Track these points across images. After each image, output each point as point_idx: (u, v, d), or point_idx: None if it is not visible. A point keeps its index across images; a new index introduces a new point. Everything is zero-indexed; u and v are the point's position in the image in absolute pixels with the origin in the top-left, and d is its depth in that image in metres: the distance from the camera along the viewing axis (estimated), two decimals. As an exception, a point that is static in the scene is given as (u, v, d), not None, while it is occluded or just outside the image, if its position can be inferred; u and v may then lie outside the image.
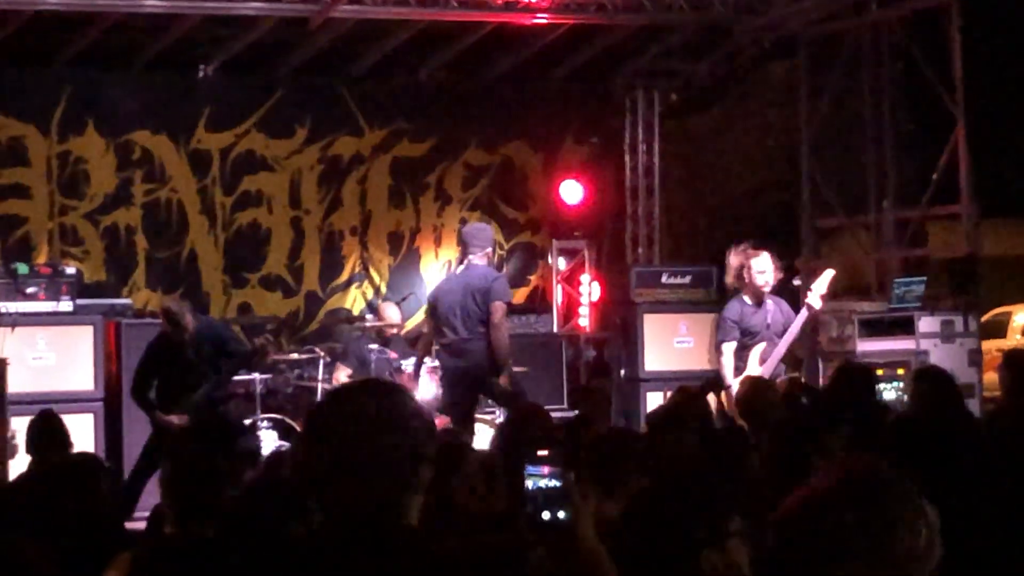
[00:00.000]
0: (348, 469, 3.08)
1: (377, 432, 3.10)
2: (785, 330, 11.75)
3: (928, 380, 8.77)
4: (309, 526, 3.20)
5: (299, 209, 16.56)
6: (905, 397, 12.97)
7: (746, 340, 11.71)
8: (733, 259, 11.94)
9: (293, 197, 16.52)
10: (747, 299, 11.83)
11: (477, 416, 13.22)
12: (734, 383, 11.47)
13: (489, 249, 12.36)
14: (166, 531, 5.22)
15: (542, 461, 4.84)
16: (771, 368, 11.56)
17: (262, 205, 16.39)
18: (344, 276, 16.74)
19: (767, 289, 11.81)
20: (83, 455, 7.43)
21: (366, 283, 16.79)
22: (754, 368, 11.54)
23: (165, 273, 15.85)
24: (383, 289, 16.78)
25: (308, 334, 16.17)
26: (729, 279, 12.06)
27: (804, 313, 11.73)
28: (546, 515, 3.50)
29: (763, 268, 11.76)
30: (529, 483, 3.80)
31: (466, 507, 5.71)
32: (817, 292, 11.72)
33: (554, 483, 3.65)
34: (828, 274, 11.96)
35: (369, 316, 14.69)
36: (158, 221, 15.94)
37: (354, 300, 16.72)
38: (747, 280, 11.81)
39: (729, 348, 11.71)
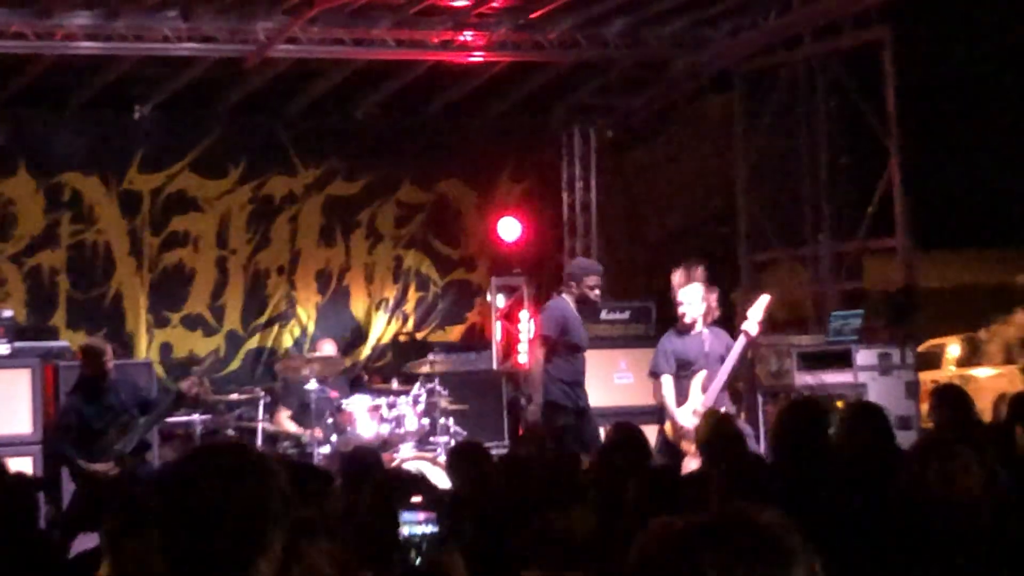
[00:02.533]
0: (196, 528, 3.14)
1: (225, 491, 3.16)
2: (724, 358, 11.84)
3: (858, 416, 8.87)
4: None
5: (225, 249, 16.61)
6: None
7: (684, 371, 11.77)
8: (672, 278, 12.03)
9: (220, 237, 16.57)
10: (678, 330, 11.93)
11: (419, 454, 13.32)
12: (676, 412, 11.58)
13: (573, 283, 12.34)
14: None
15: (417, 507, 4.93)
16: (713, 396, 11.60)
17: (188, 245, 16.43)
18: (267, 315, 16.76)
19: (688, 321, 11.83)
20: (17, 476, 7.41)
21: (293, 321, 16.82)
22: (696, 396, 11.61)
23: (87, 314, 15.84)
24: (310, 328, 16.83)
25: (229, 373, 16.20)
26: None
27: (742, 340, 11.77)
28: (419, 561, 3.58)
29: (687, 300, 11.82)
30: (405, 530, 3.88)
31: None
32: (753, 318, 11.79)
33: (430, 529, 3.73)
34: (763, 300, 11.99)
35: (310, 355, 14.71)
36: (84, 262, 15.96)
37: (277, 338, 16.74)
38: (678, 309, 11.91)
39: (667, 378, 11.77)
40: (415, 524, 4.35)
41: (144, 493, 6.73)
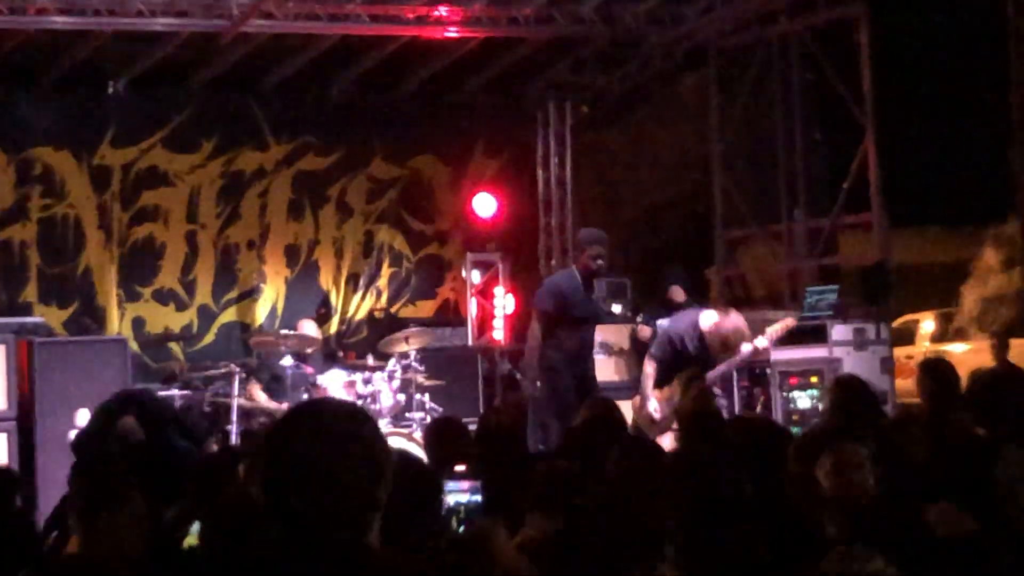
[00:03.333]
0: (309, 487, 3.11)
1: (339, 451, 3.13)
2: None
3: (844, 388, 8.92)
4: (268, 544, 3.23)
5: (195, 223, 16.58)
6: (820, 405, 13.20)
7: (679, 360, 11.74)
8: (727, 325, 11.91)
9: (190, 212, 16.54)
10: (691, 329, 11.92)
11: (395, 430, 13.33)
12: (651, 396, 11.62)
13: (585, 252, 12.16)
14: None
15: (461, 476, 4.91)
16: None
17: (159, 220, 16.39)
18: (238, 290, 16.76)
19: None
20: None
21: (263, 296, 16.82)
22: (677, 389, 11.59)
23: (58, 288, 15.80)
24: (280, 302, 16.83)
25: (204, 348, 16.19)
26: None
27: (748, 350, 11.84)
28: (463, 529, 3.58)
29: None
30: (450, 499, 3.89)
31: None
32: (769, 334, 11.83)
33: (474, 498, 3.74)
34: (787, 322, 12.07)
35: (285, 332, 14.69)
36: (54, 236, 15.91)
37: (250, 313, 16.74)
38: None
39: (655, 362, 11.82)
40: (459, 492, 4.35)
41: (120, 457, 6.70)
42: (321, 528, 3.10)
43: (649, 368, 11.83)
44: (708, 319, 11.88)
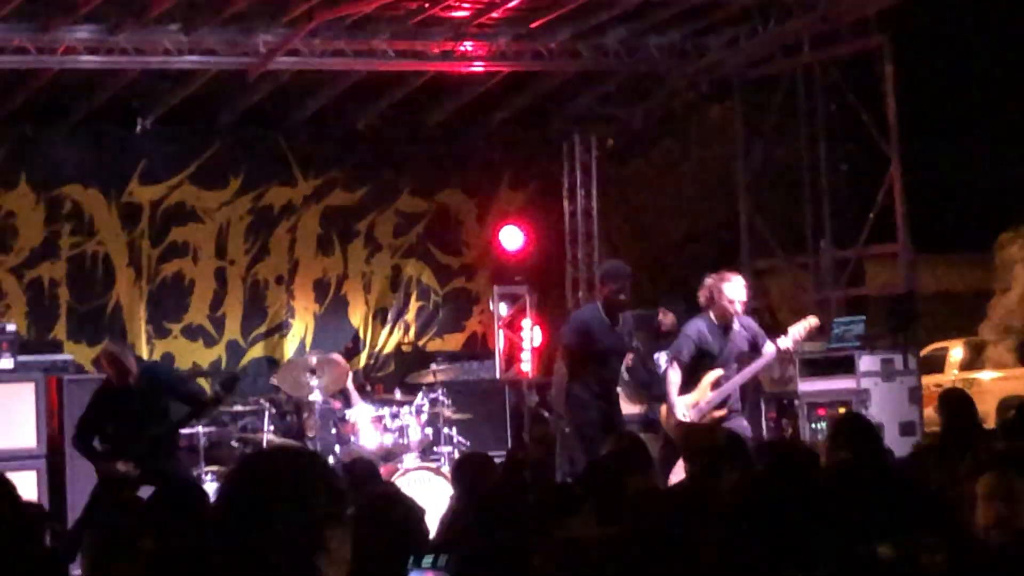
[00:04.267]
0: (257, 531, 3.21)
1: (280, 498, 3.23)
2: (742, 356, 11.75)
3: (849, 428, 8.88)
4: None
5: (224, 259, 16.67)
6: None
7: (703, 361, 11.57)
8: (707, 279, 11.82)
9: (219, 247, 16.62)
10: (712, 318, 11.61)
11: (423, 464, 13.34)
12: (676, 401, 11.47)
13: (606, 287, 11.94)
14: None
15: (428, 566, 4.96)
16: (721, 396, 11.48)
17: (188, 256, 16.49)
18: (267, 325, 16.82)
19: (736, 310, 11.58)
20: (27, 504, 7.44)
21: (292, 331, 16.87)
22: (704, 392, 11.51)
23: (88, 325, 15.88)
24: (308, 337, 16.88)
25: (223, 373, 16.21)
26: (701, 297, 11.73)
27: (772, 351, 11.64)
28: None
29: (737, 295, 11.51)
30: None
31: None
32: (792, 335, 11.70)
33: None
34: (811, 321, 11.87)
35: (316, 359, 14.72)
36: (84, 273, 16.00)
37: (278, 348, 16.79)
38: (718, 301, 11.53)
39: (678, 366, 11.55)
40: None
41: (140, 504, 6.70)
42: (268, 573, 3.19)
43: (674, 376, 11.67)
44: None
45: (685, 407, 11.54)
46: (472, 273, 17.90)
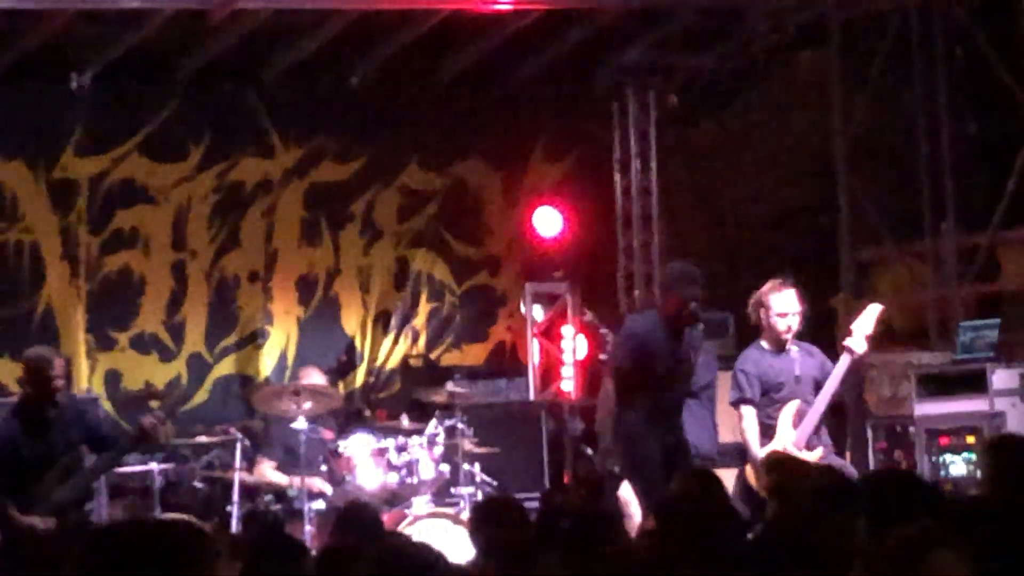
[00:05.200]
0: None
1: None
2: (820, 384, 11.92)
3: (1006, 452, 8.90)
4: None
5: (183, 251, 16.77)
6: (978, 472, 13.19)
7: (771, 395, 11.87)
8: (755, 294, 12.04)
9: (177, 236, 16.72)
10: (765, 345, 12.03)
11: (437, 510, 13.41)
12: (759, 452, 11.64)
13: (673, 294, 12.09)
14: None
15: None
16: (807, 432, 11.70)
17: (137, 246, 16.58)
18: (238, 334, 16.91)
19: (789, 336, 11.97)
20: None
21: (270, 341, 16.94)
22: (787, 433, 11.69)
23: (10, 334, 15.89)
24: (291, 349, 16.95)
25: (194, 409, 16.27)
26: (752, 317, 12.15)
27: (845, 360, 11.86)
28: None
29: (785, 309, 11.90)
30: None
31: None
32: (860, 332, 11.85)
33: None
34: (873, 310, 12.08)
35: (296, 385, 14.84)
36: (5, 270, 16.11)
37: (252, 363, 16.87)
38: (764, 322, 11.99)
39: (749, 409, 11.85)
40: None
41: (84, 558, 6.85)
42: None
43: (749, 421, 11.82)
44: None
45: None
46: (497, 267, 17.97)
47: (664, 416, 11.89)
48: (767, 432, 11.84)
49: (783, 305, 11.91)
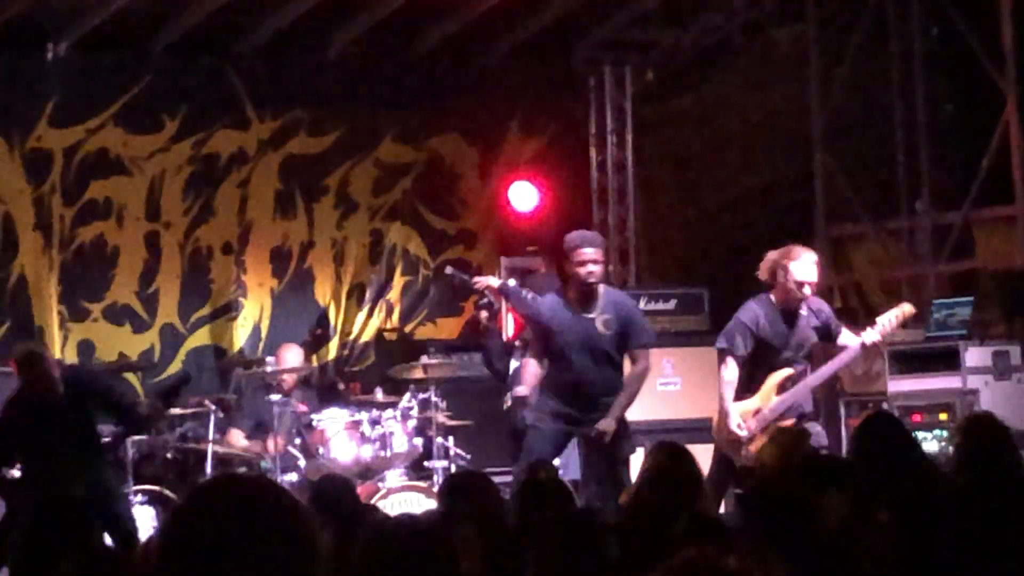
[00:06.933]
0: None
1: (249, 546, 3.25)
2: (823, 341, 11.94)
3: (977, 431, 8.96)
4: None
5: (157, 222, 16.78)
6: (949, 449, 13.27)
7: (764, 355, 11.82)
8: (771, 255, 11.94)
9: (151, 206, 16.72)
10: (774, 300, 11.86)
11: (410, 483, 13.46)
12: (731, 409, 11.65)
13: (570, 260, 12.22)
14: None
15: None
16: (789, 402, 11.72)
17: (111, 217, 16.58)
18: (211, 306, 16.95)
19: (806, 292, 11.82)
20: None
21: (243, 313, 16.96)
22: (768, 397, 11.69)
23: (-18, 307, 15.96)
24: (264, 320, 16.97)
25: (166, 380, 16.23)
26: (762, 274, 11.98)
27: (856, 348, 11.87)
28: None
29: (806, 278, 11.76)
30: None
31: None
32: (881, 327, 11.85)
33: None
34: (904, 309, 12.06)
35: (270, 359, 14.87)
36: (-24, 240, 16.10)
37: (226, 335, 16.89)
38: (782, 282, 11.78)
39: (734, 361, 11.78)
40: None
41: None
42: None
43: (729, 374, 11.81)
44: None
45: (742, 415, 11.69)
46: (473, 241, 17.99)
47: (562, 391, 12.12)
48: (749, 387, 11.80)
49: (805, 274, 11.73)
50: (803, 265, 11.76)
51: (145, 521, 13.04)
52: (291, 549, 3.29)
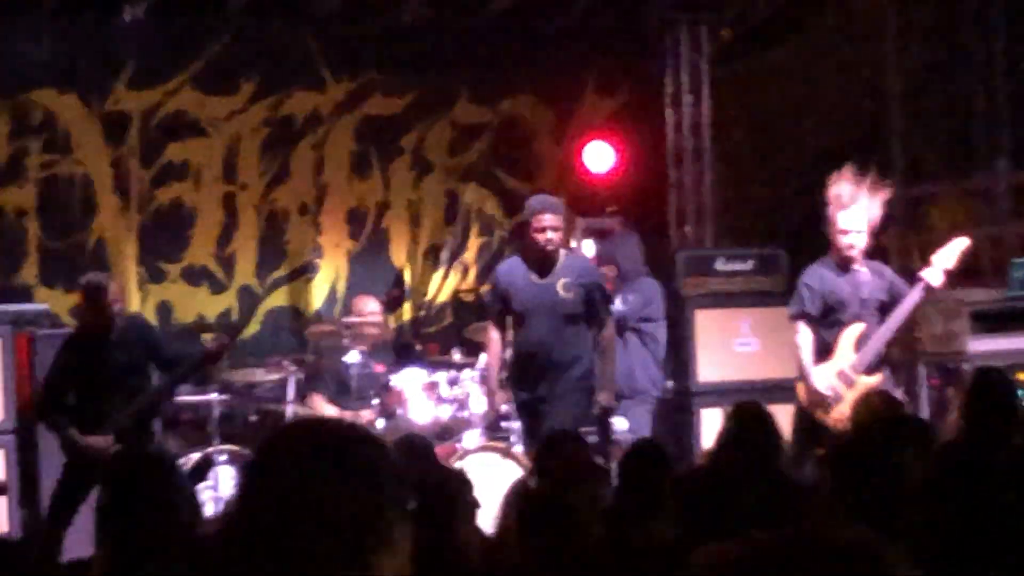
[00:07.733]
0: (295, 526, 3.23)
1: (330, 484, 3.25)
2: (887, 306, 11.88)
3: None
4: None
5: (234, 183, 16.88)
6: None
7: (834, 315, 11.80)
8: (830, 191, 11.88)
9: (228, 168, 16.84)
10: (832, 260, 11.90)
11: (488, 443, 13.48)
12: (813, 372, 11.64)
13: (530, 225, 12.30)
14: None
15: None
16: (868, 358, 11.67)
17: (188, 179, 16.70)
18: (288, 267, 17.04)
19: (852, 254, 11.82)
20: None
21: (320, 275, 17.01)
22: (846, 355, 11.65)
23: (64, 266, 16.03)
24: (341, 282, 17.04)
25: (246, 341, 16.25)
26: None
27: (918, 291, 11.75)
28: None
29: (848, 227, 11.75)
30: None
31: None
32: (940, 265, 11.71)
33: None
34: (959, 244, 11.90)
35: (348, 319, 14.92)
36: (57, 201, 16.22)
37: (303, 296, 16.97)
38: (831, 237, 11.83)
39: (806, 326, 11.80)
40: None
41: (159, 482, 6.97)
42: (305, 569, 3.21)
43: (805, 338, 11.80)
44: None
45: (828, 377, 11.66)
46: (548, 202, 17.98)
47: (524, 359, 12.39)
48: (827, 350, 11.79)
49: (846, 222, 11.75)
50: (849, 216, 11.75)
51: (226, 480, 13.14)
52: (378, 494, 3.29)
